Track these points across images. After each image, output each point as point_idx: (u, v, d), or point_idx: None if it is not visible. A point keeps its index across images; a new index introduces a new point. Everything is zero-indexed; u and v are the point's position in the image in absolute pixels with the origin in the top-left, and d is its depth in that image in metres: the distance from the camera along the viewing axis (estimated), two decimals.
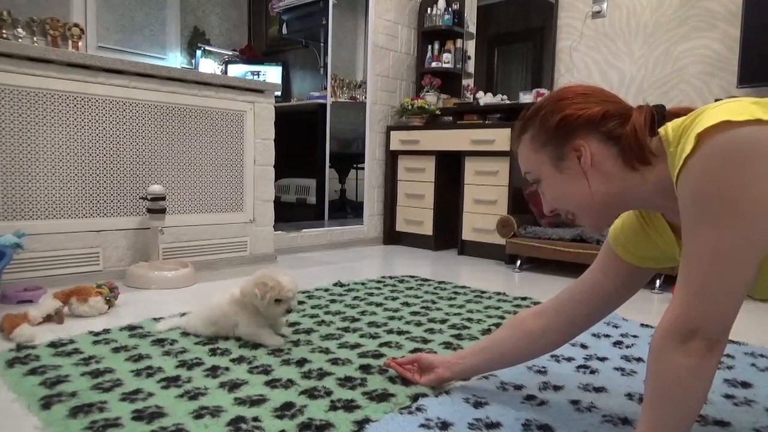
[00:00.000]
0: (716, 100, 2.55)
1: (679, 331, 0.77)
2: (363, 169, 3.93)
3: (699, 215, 0.76)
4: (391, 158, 3.85)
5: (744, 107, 0.75)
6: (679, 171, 0.77)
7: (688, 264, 0.78)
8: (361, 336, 1.65)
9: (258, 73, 4.86)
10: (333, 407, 1.13)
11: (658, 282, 2.50)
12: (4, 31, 2.79)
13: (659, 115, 0.90)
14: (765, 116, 0.72)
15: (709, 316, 0.76)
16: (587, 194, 0.92)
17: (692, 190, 0.76)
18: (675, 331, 0.78)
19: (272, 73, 4.92)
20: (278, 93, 3.13)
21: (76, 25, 3.07)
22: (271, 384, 1.25)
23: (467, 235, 3.44)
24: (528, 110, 1.00)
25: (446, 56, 3.89)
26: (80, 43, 3.08)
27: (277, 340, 1.53)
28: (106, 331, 1.63)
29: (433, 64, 3.93)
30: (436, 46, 3.96)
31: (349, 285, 2.39)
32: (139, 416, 1.07)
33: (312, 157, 4.20)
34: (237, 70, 4.83)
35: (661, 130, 0.87)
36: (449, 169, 3.61)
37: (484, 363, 1.24)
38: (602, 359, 1.50)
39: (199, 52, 4.78)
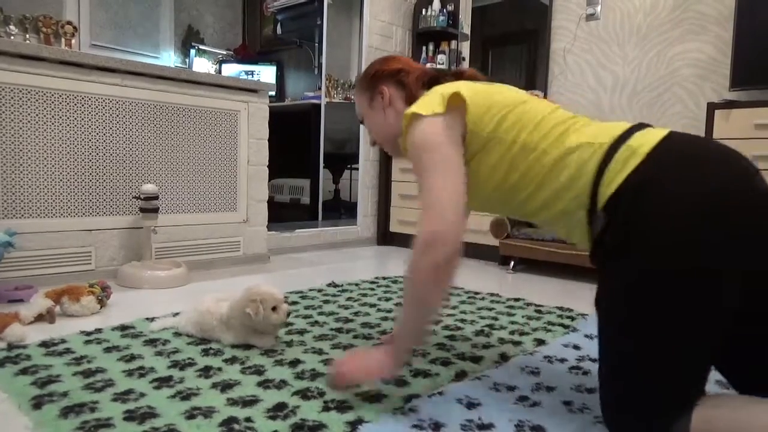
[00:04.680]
0: (708, 104, 2.58)
1: (419, 247, 1.04)
2: (357, 169, 3.93)
3: (414, 168, 1.12)
4: (386, 159, 3.85)
5: (433, 101, 1.11)
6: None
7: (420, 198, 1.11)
8: (355, 337, 1.65)
9: (252, 73, 4.85)
10: (326, 408, 1.13)
11: None
12: None
13: (441, 76, 1.29)
14: (441, 109, 1.10)
15: (436, 234, 1.03)
16: (385, 125, 1.31)
17: (408, 153, 1.14)
18: (417, 248, 1.05)
19: (266, 73, 4.91)
20: (272, 93, 3.13)
21: (69, 23, 3.06)
22: (264, 384, 1.25)
23: None
24: None
25: (441, 57, 3.90)
26: (73, 41, 3.06)
27: (269, 341, 1.52)
28: (98, 330, 1.62)
29: (428, 65, 3.94)
30: (431, 47, 3.96)
31: (342, 286, 2.39)
32: (130, 416, 1.06)
33: (306, 157, 4.20)
34: (231, 70, 4.82)
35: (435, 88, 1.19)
36: None
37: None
38: (595, 360, 1.50)
39: (193, 51, 4.76)
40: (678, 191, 0.92)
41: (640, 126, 1.05)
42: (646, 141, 0.99)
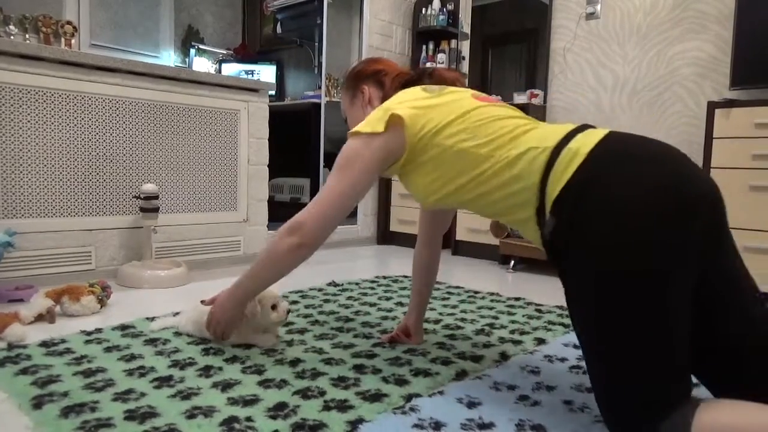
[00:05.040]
0: (708, 103, 2.57)
1: (288, 226, 1.23)
2: None
3: (334, 166, 1.24)
4: None
5: (375, 119, 1.20)
6: None
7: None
8: (355, 336, 1.65)
9: (252, 72, 4.85)
10: (326, 407, 1.13)
11: None
12: None
13: (418, 77, 1.41)
14: (381, 128, 1.18)
15: (302, 226, 1.22)
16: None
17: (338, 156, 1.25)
18: (286, 226, 1.24)
19: (266, 73, 4.91)
20: (272, 92, 3.12)
21: (68, 23, 3.06)
22: (264, 384, 1.25)
23: (461, 235, 3.44)
24: None
25: (440, 57, 3.90)
26: (73, 41, 3.06)
27: (269, 340, 1.52)
28: (98, 330, 1.62)
29: (428, 65, 3.94)
30: (431, 46, 3.96)
31: (343, 285, 2.39)
32: (131, 416, 1.06)
33: (306, 156, 4.19)
34: (231, 69, 4.81)
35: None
36: None
37: (423, 310, 1.63)
38: None
39: (192, 51, 4.76)
40: (624, 191, 0.93)
41: (584, 127, 1.07)
42: (586, 142, 1.00)
